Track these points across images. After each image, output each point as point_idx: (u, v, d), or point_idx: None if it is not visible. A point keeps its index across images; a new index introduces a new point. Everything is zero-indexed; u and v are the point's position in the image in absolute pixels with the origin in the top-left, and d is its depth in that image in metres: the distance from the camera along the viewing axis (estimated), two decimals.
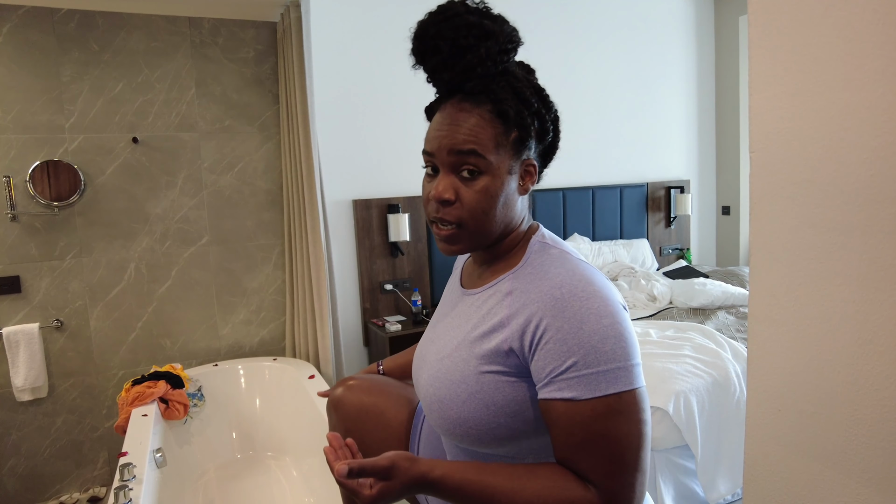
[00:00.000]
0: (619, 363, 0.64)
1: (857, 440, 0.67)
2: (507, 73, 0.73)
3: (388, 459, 0.64)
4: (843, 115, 0.65)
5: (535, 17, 3.70)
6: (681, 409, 1.96)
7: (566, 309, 0.65)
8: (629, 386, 0.64)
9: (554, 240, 0.78)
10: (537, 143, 0.76)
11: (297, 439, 2.35)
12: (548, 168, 0.82)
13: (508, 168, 0.73)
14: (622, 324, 0.66)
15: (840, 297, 0.67)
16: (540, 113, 0.74)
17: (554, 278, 0.69)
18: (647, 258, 3.96)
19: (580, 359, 0.64)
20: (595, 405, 0.63)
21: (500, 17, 0.72)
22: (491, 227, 0.74)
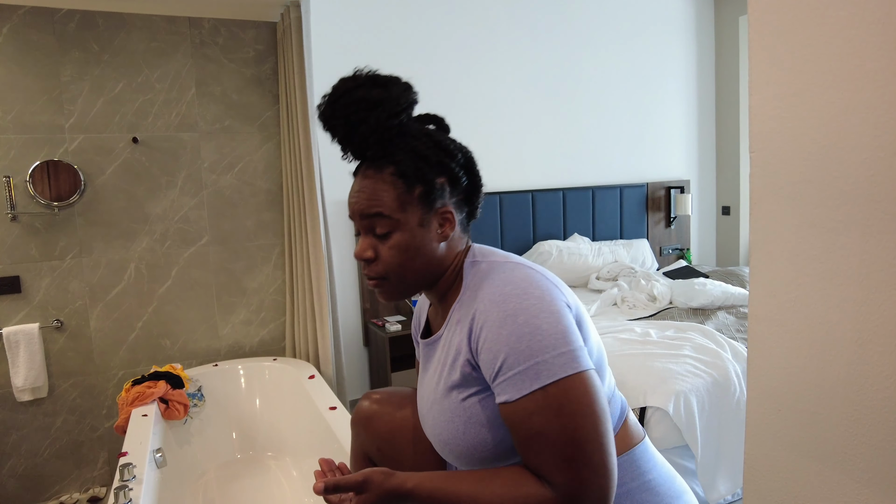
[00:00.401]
0: (537, 357, 0.64)
1: (857, 440, 0.67)
2: (404, 133, 0.77)
3: (362, 475, 0.69)
4: (843, 115, 0.65)
5: (535, 17, 3.70)
6: (681, 409, 1.96)
7: (488, 319, 0.68)
8: (553, 377, 0.64)
9: (483, 253, 0.80)
10: (452, 191, 0.78)
11: (297, 439, 2.35)
12: (479, 206, 0.84)
13: (419, 221, 0.77)
14: (538, 315, 0.66)
15: (840, 296, 0.67)
16: (443, 164, 0.77)
17: (482, 292, 0.72)
18: (647, 258, 3.96)
19: (503, 362, 0.66)
20: (525, 404, 0.64)
21: (390, 81, 0.77)
22: (413, 277, 0.80)
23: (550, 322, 0.65)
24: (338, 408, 2.08)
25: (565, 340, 0.65)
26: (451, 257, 0.81)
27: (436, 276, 0.81)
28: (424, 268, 0.79)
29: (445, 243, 0.80)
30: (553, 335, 0.65)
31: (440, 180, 0.77)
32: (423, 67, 3.37)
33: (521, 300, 0.67)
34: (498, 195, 3.57)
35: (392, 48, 3.29)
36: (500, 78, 3.61)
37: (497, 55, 3.59)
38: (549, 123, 3.78)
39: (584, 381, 0.65)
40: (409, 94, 0.78)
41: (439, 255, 0.80)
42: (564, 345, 0.65)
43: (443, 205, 0.78)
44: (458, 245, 0.82)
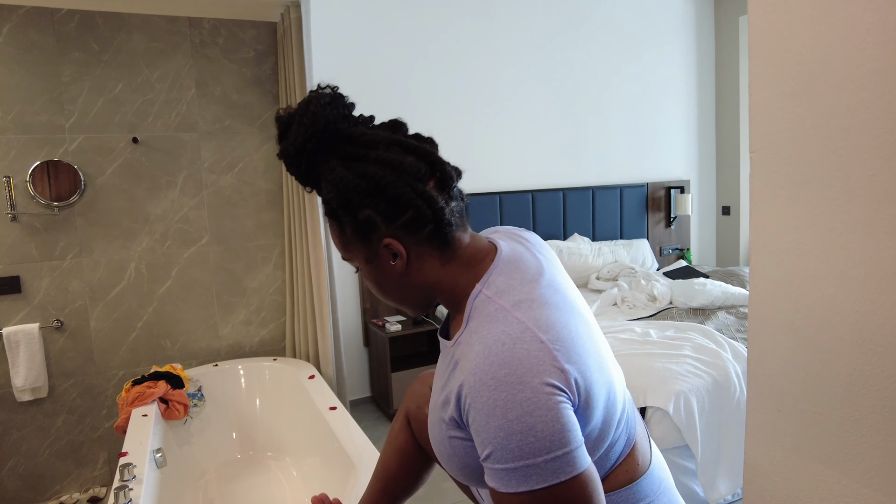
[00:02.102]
0: (528, 460, 0.59)
1: (857, 440, 0.67)
2: (321, 177, 0.72)
3: None
4: (843, 115, 0.65)
5: (535, 17, 3.70)
6: (681, 409, 1.96)
7: (477, 399, 0.62)
8: (542, 483, 0.59)
9: (499, 286, 0.69)
10: (385, 220, 0.69)
11: (297, 439, 2.35)
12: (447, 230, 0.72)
13: (367, 258, 0.73)
14: (533, 414, 0.59)
15: (840, 297, 0.67)
16: (362, 202, 0.69)
17: (473, 357, 0.64)
18: (647, 258, 3.96)
19: (491, 453, 0.61)
20: (510, 499, 0.61)
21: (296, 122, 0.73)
22: (397, 301, 0.78)
23: (546, 422, 0.59)
24: (338, 408, 2.08)
25: (560, 443, 0.59)
26: (436, 280, 0.73)
27: (427, 297, 0.76)
28: (400, 295, 0.76)
29: (415, 268, 0.72)
30: (548, 437, 0.59)
31: (363, 214, 0.69)
32: (423, 67, 3.37)
33: (515, 391, 0.60)
34: (498, 195, 3.57)
35: (392, 48, 3.29)
36: (501, 78, 3.61)
37: (497, 55, 3.59)
38: (549, 123, 3.78)
39: (576, 486, 0.60)
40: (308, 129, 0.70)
41: (412, 280, 0.73)
42: (559, 448, 0.59)
43: (380, 237, 0.70)
44: (437, 264, 0.73)
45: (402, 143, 0.72)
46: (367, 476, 1.54)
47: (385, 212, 0.69)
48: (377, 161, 0.69)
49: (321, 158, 0.71)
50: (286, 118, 0.73)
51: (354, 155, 0.70)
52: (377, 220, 0.69)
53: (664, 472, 0.82)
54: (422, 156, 0.71)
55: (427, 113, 3.36)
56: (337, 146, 0.71)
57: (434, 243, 0.71)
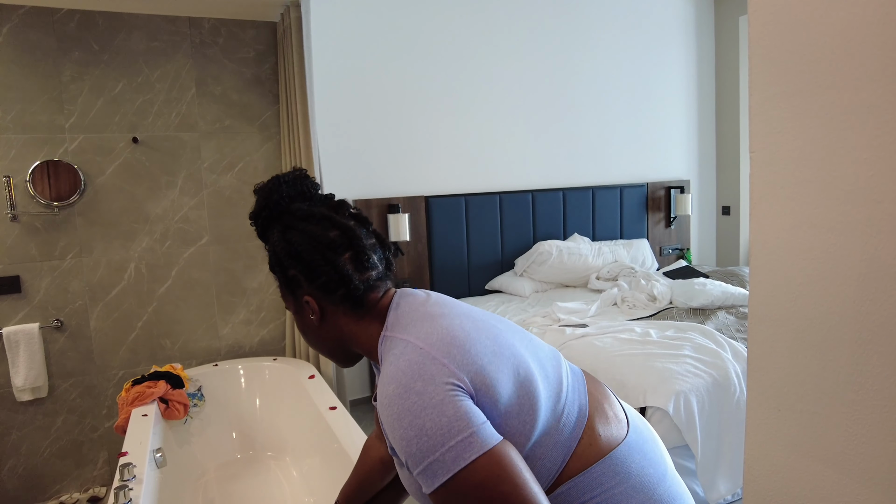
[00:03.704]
0: (429, 458, 0.64)
1: (857, 440, 0.67)
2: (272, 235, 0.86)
3: None
4: (843, 115, 0.65)
5: (535, 17, 3.70)
6: (681, 409, 1.96)
7: (384, 422, 0.69)
8: (448, 474, 0.64)
9: (393, 324, 0.79)
10: (307, 280, 0.82)
11: (297, 439, 2.35)
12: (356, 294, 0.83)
13: (295, 309, 0.88)
14: (421, 415, 0.65)
15: (840, 297, 0.67)
16: (289, 263, 0.83)
17: (379, 389, 0.72)
18: (647, 258, 3.96)
19: (406, 462, 0.67)
20: (436, 496, 0.65)
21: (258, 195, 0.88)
22: (320, 349, 0.89)
23: (433, 416, 0.65)
24: (338, 408, 2.08)
25: (452, 432, 0.64)
26: (351, 334, 0.84)
27: (345, 349, 0.87)
28: (320, 345, 0.88)
29: (331, 324, 0.84)
30: (438, 431, 0.64)
31: (291, 272, 0.83)
32: (422, 67, 3.37)
33: (402, 400, 0.67)
34: (498, 195, 3.57)
35: (392, 48, 3.29)
36: (501, 78, 3.61)
37: (497, 55, 3.59)
38: (549, 123, 3.78)
39: (485, 464, 0.64)
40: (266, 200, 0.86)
41: (329, 333, 0.85)
42: (453, 436, 0.64)
43: (303, 294, 0.84)
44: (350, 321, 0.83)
45: (332, 219, 0.84)
46: None
47: (304, 273, 0.82)
48: (303, 232, 0.83)
49: (270, 224, 0.87)
50: (257, 190, 0.89)
51: (291, 225, 0.84)
52: (301, 279, 0.83)
53: (649, 444, 0.82)
54: (344, 231, 0.83)
55: (427, 113, 3.36)
56: (283, 217, 0.86)
57: (347, 304, 0.83)
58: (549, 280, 3.58)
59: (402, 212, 3.26)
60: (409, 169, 3.37)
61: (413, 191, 3.39)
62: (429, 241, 3.41)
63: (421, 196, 3.38)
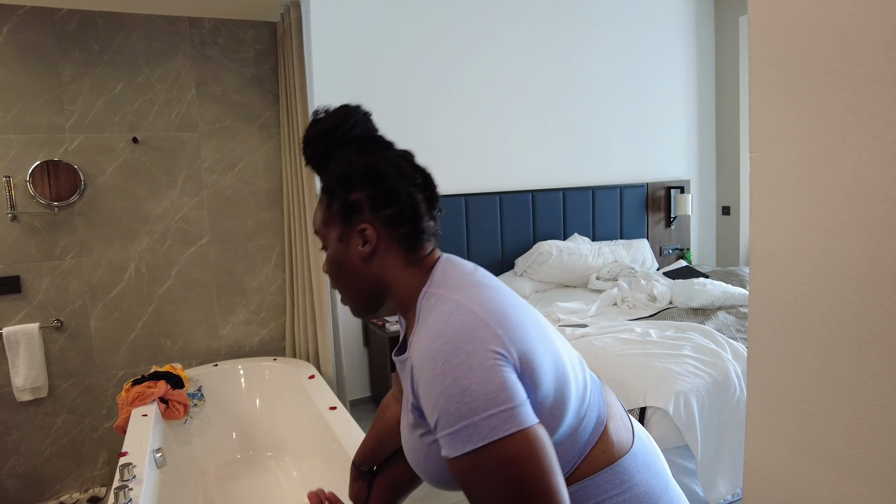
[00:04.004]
0: (466, 420, 0.62)
1: (857, 440, 0.67)
2: (333, 159, 0.83)
3: None
4: (843, 115, 0.65)
5: (535, 17, 3.70)
6: (681, 409, 1.96)
7: (420, 374, 0.67)
8: (483, 441, 0.62)
9: (439, 282, 0.77)
10: (372, 207, 0.79)
11: (297, 439, 2.35)
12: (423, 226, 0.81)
13: (339, 237, 0.82)
14: (468, 376, 0.63)
15: (840, 297, 0.67)
16: (358, 180, 0.80)
17: (416, 340, 0.71)
18: (647, 258, 3.96)
19: (436, 421, 0.65)
20: (460, 462, 0.63)
21: (316, 121, 0.84)
22: (348, 291, 0.85)
23: (480, 381, 0.63)
24: (338, 408, 2.08)
25: (497, 400, 0.63)
26: (395, 277, 0.81)
27: (374, 293, 0.84)
28: (356, 282, 0.83)
29: (378, 260, 0.81)
30: (483, 396, 0.62)
31: (354, 196, 0.79)
32: (422, 67, 3.37)
33: (450, 357, 0.64)
34: (498, 195, 3.57)
35: (392, 48, 3.29)
36: (501, 78, 3.61)
37: (497, 55, 3.59)
38: (549, 123, 3.78)
39: (520, 441, 0.62)
40: (335, 122, 0.83)
41: (369, 271, 0.81)
42: (496, 405, 0.62)
43: (360, 221, 0.80)
44: (399, 263, 0.81)
45: (410, 159, 0.84)
46: None
47: (374, 199, 0.79)
48: (385, 159, 0.81)
49: (340, 145, 0.82)
50: (324, 111, 0.85)
51: (368, 150, 0.82)
52: (364, 204, 0.79)
53: (651, 456, 0.82)
54: (422, 173, 0.83)
55: (427, 113, 3.36)
56: (357, 141, 0.83)
57: (404, 244, 0.80)
58: (549, 280, 3.58)
59: None
60: None
61: None
62: None
63: None
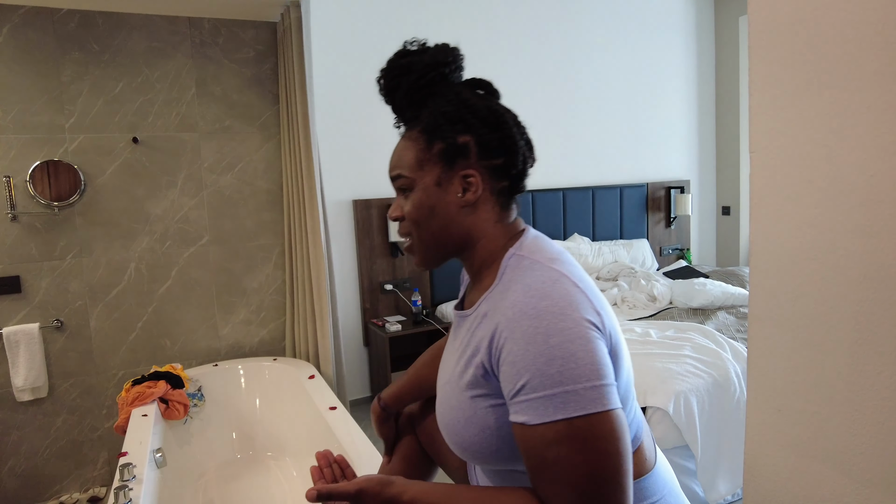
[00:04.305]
0: (567, 386, 0.59)
1: (857, 440, 0.67)
2: (436, 94, 0.77)
3: (356, 484, 0.67)
4: (843, 115, 0.65)
5: (535, 17, 3.70)
6: (681, 409, 1.96)
7: (516, 329, 0.63)
8: (581, 411, 0.59)
9: (531, 248, 0.73)
10: (479, 154, 0.74)
11: (297, 439, 2.35)
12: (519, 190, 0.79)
13: (436, 180, 0.75)
14: (575, 341, 0.60)
15: (840, 297, 0.67)
16: (468, 122, 0.74)
17: (511, 296, 0.66)
18: (647, 258, 3.96)
19: (527, 381, 0.61)
20: (544, 431, 0.60)
21: (426, 49, 0.78)
22: (429, 238, 0.77)
23: (587, 351, 0.60)
24: (338, 408, 2.08)
25: (599, 374, 0.60)
26: (484, 231, 0.76)
27: (459, 245, 0.78)
28: (444, 231, 0.76)
29: (472, 212, 0.75)
30: (588, 365, 0.59)
31: (463, 139, 0.73)
32: None
33: (557, 319, 0.61)
34: None
35: (392, 48, 3.28)
36: (501, 78, 3.58)
37: (497, 55, 3.59)
38: (549, 123, 3.78)
39: (611, 420, 0.60)
40: (445, 57, 0.77)
41: (462, 221, 0.76)
42: (598, 378, 0.60)
43: (466, 167, 0.74)
44: (492, 218, 0.76)
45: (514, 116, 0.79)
46: None
47: (486, 146, 0.74)
48: (503, 107, 0.77)
49: (445, 82, 0.77)
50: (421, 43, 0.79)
51: (484, 95, 0.78)
52: (472, 150, 0.74)
53: (669, 474, 0.82)
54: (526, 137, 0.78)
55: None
56: (467, 81, 0.79)
57: (500, 199, 0.76)
58: None
59: None
60: None
61: None
62: None
63: None
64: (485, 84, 0.81)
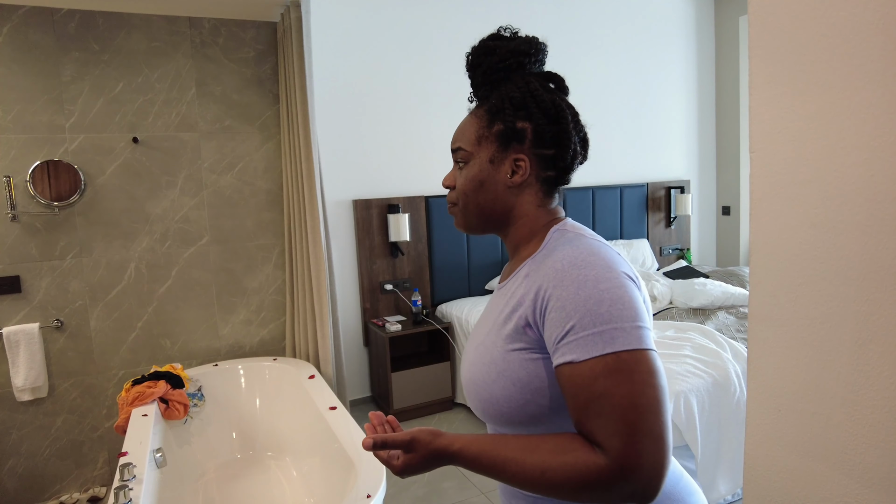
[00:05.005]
0: (615, 324, 0.65)
1: (857, 440, 0.67)
2: (510, 79, 0.82)
3: (410, 434, 0.72)
4: (843, 115, 0.65)
5: (536, 17, 3.70)
6: (681, 409, 1.96)
7: (565, 277, 0.69)
8: (628, 346, 0.64)
9: (575, 227, 0.81)
10: (533, 141, 0.80)
11: (297, 439, 2.35)
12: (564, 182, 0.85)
13: (490, 157, 0.81)
14: (622, 288, 0.67)
15: (840, 297, 0.67)
16: (530, 111, 0.79)
17: (559, 253, 0.72)
18: (647, 258, 3.96)
19: (577, 322, 0.66)
20: (593, 365, 0.64)
21: (514, 37, 0.83)
22: (475, 209, 0.84)
23: (631, 297, 0.67)
24: (338, 408, 2.08)
25: (641, 317, 0.67)
26: (526, 212, 0.83)
27: (501, 220, 0.84)
28: (488, 205, 0.83)
29: (517, 192, 0.82)
30: (633, 309, 0.66)
31: (521, 125, 0.79)
32: (422, 67, 3.37)
33: (605, 271, 0.68)
34: None
35: (392, 48, 3.29)
36: None
37: None
38: None
39: (652, 359, 0.66)
40: (528, 48, 0.82)
41: (507, 199, 0.82)
42: (641, 320, 0.66)
43: (518, 150, 0.80)
44: (535, 201, 0.82)
45: (575, 111, 0.84)
46: (367, 475, 1.54)
47: (541, 135, 0.79)
48: (567, 102, 0.83)
49: (521, 70, 0.82)
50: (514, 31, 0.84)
51: (553, 89, 0.83)
52: (528, 136, 0.79)
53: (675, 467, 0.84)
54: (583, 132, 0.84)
55: (427, 113, 3.36)
56: (542, 73, 0.84)
57: (545, 186, 0.82)
58: None
59: (402, 212, 3.26)
60: (409, 169, 3.37)
61: (413, 191, 3.39)
62: (429, 241, 3.41)
63: (421, 196, 3.38)
64: (558, 79, 0.86)
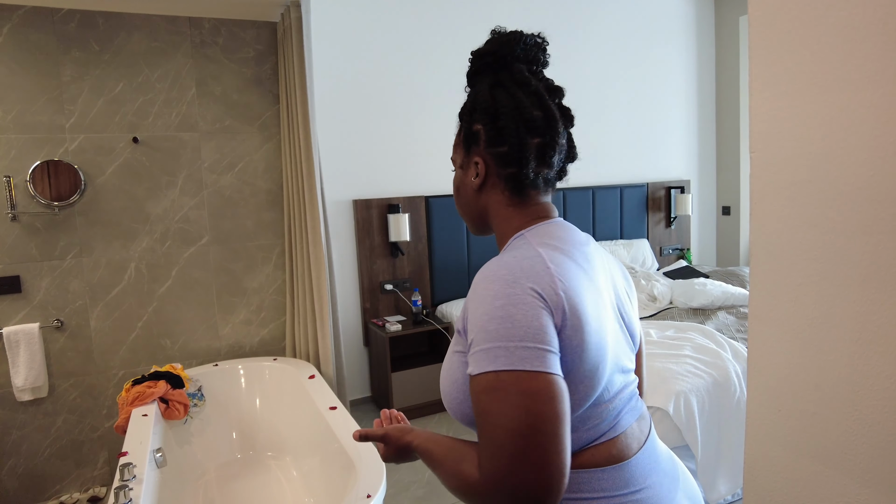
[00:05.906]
0: (500, 342, 0.65)
1: (857, 440, 0.67)
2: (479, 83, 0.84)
3: (383, 430, 0.83)
4: (843, 115, 0.65)
5: (535, 17, 3.70)
6: (681, 409, 1.96)
7: (476, 290, 0.71)
8: (508, 367, 0.64)
9: (539, 233, 0.79)
10: (487, 141, 0.80)
11: (297, 439, 2.35)
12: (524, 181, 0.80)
13: (461, 163, 0.85)
14: (516, 306, 0.66)
15: (840, 297, 0.67)
16: (484, 112, 0.80)
17: (487, 263, 0.74)
18: (647, 258, 3.96)
19: (475, 336, 0.68)
20: (479, 381, 0.66)
21: (493, 39, 0.83)
22: (461, 212, 0.89)
23: (525, 316, 0.66)
24: (338, 408, 2.08)
25: (535, 338, 0.65)
26: (497, 212, 0.84)
27: (483, 221, 0.87)
28: (468, 208, 0.88)
29: (486, 193, 0.84)
30: (524, 328, 0.65)
31: (476, 127, 0.81)
32: (422, 67, 3.37)
33: (506, 285, 0.68)
34: None
35: (392, 48, 3.29)
36: None
37: None
38: None
39: (540, 381, 0.64)
40: (499, 48, 0.82)
41: (478, 201, 0.85)
42: (531, 341, 0.65)
43: (477, 153, 0.82)
44: (503, 200, 0.82)
45: (543, 100, 0.81)
46: (367, 475, 1.54)
47: (490, 135, 0.80)
48: (512, 96, 0.80)
49: (486, 71, 0.83)
50: (497, 33, 0.84)
51: (502, 83, 0.81)
52: (482, 137, 0.81)
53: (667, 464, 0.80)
54: (548, 117, 0.80)
55: (427, 113, 3.36)
56: (500, 71, 0.83)
57: (508, 185, 0.82)
58: None
59: (402, 212, 3.26)
60: (409, 169, 3.37)
61: (413, 191, 3.39)
62: (429, 241, 3.41)
63: (421, 196, 3.38)
64: (518, 74, 0.84)
